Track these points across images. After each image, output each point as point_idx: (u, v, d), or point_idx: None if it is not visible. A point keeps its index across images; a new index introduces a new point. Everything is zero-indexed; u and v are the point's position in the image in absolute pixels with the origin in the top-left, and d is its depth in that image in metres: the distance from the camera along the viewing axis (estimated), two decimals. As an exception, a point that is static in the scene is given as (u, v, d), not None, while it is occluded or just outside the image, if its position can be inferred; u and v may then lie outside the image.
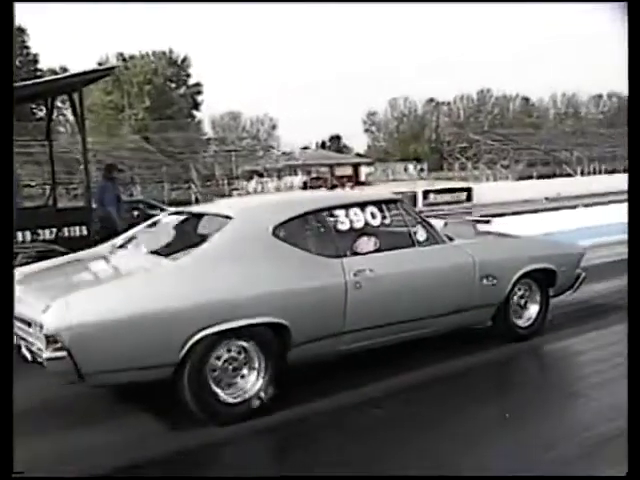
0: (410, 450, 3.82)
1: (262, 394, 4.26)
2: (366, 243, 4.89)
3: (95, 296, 3.96)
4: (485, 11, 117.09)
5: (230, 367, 4.20)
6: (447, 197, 28.85)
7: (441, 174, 55.18)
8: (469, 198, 29.47)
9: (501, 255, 5.64)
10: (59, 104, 33.04)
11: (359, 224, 4.92)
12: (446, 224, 6.18)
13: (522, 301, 5.78)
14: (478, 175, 47.79)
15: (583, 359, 5.61)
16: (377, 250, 4.90)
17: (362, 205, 5.03)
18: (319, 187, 41.16)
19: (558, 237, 8.60)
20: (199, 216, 5.37)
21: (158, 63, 64.52)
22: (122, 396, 4.65)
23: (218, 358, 4.15)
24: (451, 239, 5.42)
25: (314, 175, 49.80)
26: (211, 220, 4.98)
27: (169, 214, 5.77)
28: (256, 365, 4.27)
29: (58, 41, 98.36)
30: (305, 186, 44.55)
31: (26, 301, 4.11)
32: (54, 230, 7.91)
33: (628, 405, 2.76)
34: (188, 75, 66.65)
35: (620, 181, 33.15)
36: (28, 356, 4.08)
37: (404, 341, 5.08)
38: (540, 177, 42.37)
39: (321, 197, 5.84)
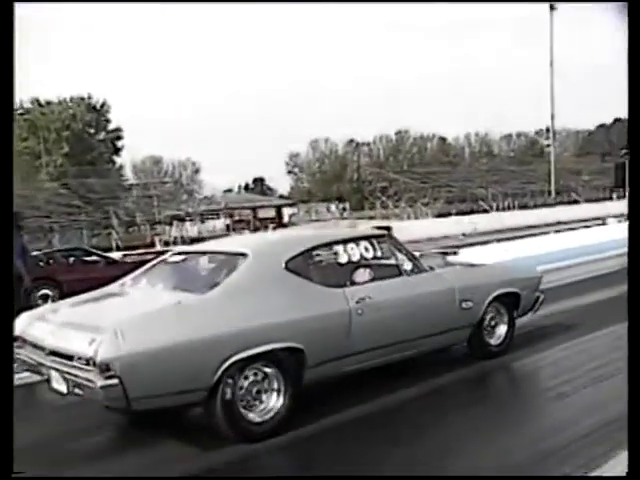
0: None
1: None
2: (362, 274, 5.42)
3: (139, 328, 4.29)
4: (404, 48, 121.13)
5: (254, 389, 4.62)
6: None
7: (363, 213, 56.14)
8: (389, 236, 30.03)
9: (475, 281, 6.29)
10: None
11: (355, 257, 5.47)
12: (421, 255, 6.70)
13: (493, 322, 6.41)
14: (399, 213, 48.89)
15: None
16: (372, 280, 5.43)
17: (357, 240, 5.61)
18: (242, 229, 41.26)
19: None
20: (209, 254, 5.84)
21: (76, 109, 63.60)
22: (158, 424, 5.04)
23: (244, 381, 4.56)
24: (432, 268, 6.04)
25: (237, 218, 49.89)
26: (225, 257, 5.43)
27: (174, 254, 6.06)
28: (276, 386, 4.70)
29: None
30: (228, 229, 44.53)
31: (61, 336, 4.52)
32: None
33: (628, 406, 2.90)
34: (107, 120, 65.92)
35: (531, 216, 34.70)
36: (62, 389, 4.42)
37: (392, 362, 5.60)
38: (458, 213, 43.69)
39: (322, 234, 6.40)
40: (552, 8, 48.35)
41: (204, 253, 5.97)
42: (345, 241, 5.54)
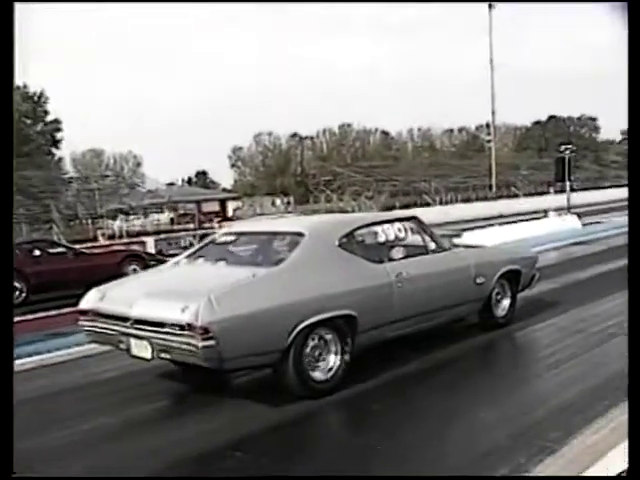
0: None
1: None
2: (397, 251, 6.08)
3: (228, 296, 4.79)
4: (346, 45, 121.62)
5: (317, 352, 5.21)
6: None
7: (308, 207, 56.23)
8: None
9: (487, 259, 7.11)
10: None
11: (391, 237, 6.23)
12: None
13: (499, 296, 7.20)
14: (343, 206, 49.15)
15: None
16: (405, 257, 6.10)
17: (392, 222, 6.36)
18: (187, 223, 40.81)
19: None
20: (262, 234, 6.49)
21: (12, 99, 61.62)
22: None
23: (310, 344, 5.13)
24: (450, 248, 6.70)
25: (181, 212, 49.30)
26: (280, 236, 6.07)
27: (224, 234, 6.59)
28: (334, 349, 5.30)
29: None
30: (172, 222, 44.00)
31: (146, 307, 4.88)
32: None
33: (628, 406, 3.00)
34: (45, 111, 64.11)
35: (474, 210, 35.42)
36: (146, 355, 4.86)
37: (421, 330, 6.33)
38: (402, 207, 44.27)
39: (363, 216, 7.57)
40: (491, 7, 49.43)
41: (256, 233, 6.56)
42: (383, 222, 6.27)
